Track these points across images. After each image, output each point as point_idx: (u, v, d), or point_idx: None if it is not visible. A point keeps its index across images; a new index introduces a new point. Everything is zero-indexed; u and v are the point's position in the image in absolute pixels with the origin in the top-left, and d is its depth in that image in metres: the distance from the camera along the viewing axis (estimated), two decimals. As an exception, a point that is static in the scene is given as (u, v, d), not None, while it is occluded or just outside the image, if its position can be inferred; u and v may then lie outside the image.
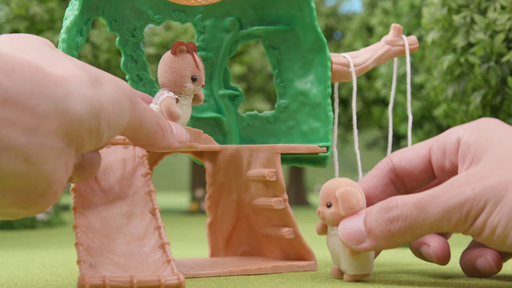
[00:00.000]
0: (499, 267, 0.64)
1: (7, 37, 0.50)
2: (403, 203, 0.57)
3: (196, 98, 0.64)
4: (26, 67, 0.40)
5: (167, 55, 0.62)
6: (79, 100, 0.43)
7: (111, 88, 0.47)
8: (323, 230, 0.63)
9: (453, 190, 0.55)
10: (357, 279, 0.62)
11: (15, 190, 0.41)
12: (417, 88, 3.45)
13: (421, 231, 0.56)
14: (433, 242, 0.64)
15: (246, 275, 0.69)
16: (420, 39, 2.91)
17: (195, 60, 0.61)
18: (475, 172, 0.55)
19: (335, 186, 0.61)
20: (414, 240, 0.58)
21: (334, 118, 0.80)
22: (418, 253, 0.66)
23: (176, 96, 0.61)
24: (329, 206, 0.61)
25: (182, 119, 0.62)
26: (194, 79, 0.61)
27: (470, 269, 0.65)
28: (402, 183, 0.65)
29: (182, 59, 0.61)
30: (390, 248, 0.59)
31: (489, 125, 0.60)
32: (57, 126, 0.41)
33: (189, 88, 0.61)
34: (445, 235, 0.68)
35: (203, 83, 0.62)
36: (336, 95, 0.82)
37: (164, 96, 0.61)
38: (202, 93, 0.64)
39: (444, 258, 0.64)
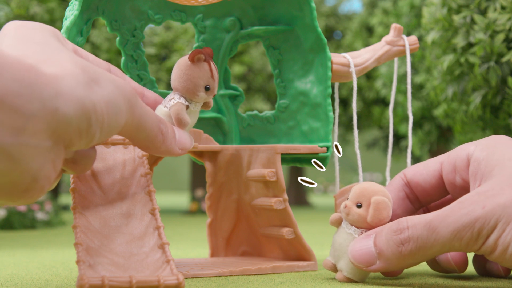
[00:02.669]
0: (507, 273, 0.66)
1: (16, 24, 0.50)
2: (414, 224, 0.56)
3: (205, 104, 0.64)
4: (17, 67, 0.40)
5: (184, 60, 0.61)
6: (69, 100, 0.43)
7: (109, 89, 0.46)
8: (338, 223, 0.63)
9: (463, 209, 0.54)
10: (348, 282, 0.62)
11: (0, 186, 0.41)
12: (417, 88, 3.45)
13: (432, 252, 0.56)
14: None
15: (246, 275, 0.68)
16: (420, 39, 2.91)
17: (211, 70, 0.61)
18: (485, 191, 0.55)
19: (374, 192, 0.60)
20: (425, 260, 0.58)
21: (334, 118, 0.80)
22: (435, 262, 0.66)
23: (186, 103, 0.61)
24: (358, 206, 0.60)
25: (188, 125, 0.61)
26: (207, 89, 0.61)
27: (481, 270, 0.67)
28: (416, 198, 0.65)
29: (198, 67, 0.61)
30: (400, 269, 0.59)
31: (500, 142, 0.60)
32: (44, 126, 0.41)
33: (201, 97, 0.61)
34: None
35: (215, 93, 0.62)
36: (336, 95, 0.82)
37: (175, 101, 0.61)
38: (212, 100, 0.64)
39: (462, 264, 0.64)
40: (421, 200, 0.65)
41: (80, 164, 0.52)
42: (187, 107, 0.61)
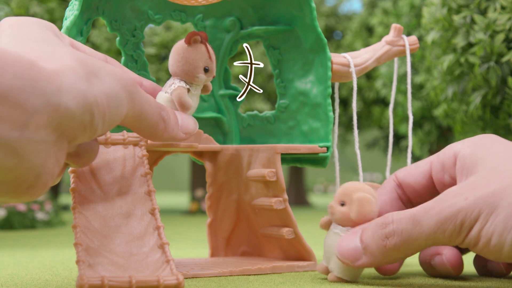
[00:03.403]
0: (509, 270, 0.65)
1: (12, 21, 0.50)
2: (399, 219, 0.56)
3: (205, 87, 0.64)
4: (19, 63, 0.41)
5: (181, 44, 0.61)
6: (71, 95, 0.43)
7: (109, 81, 0.46)
8: (327, 225, 0.63)
9: (446, 201, 0.55)
10: (340, 281, 0.62)
11: (4, 183, 0.42)
12: (417, 88, 3.44)
13: (417, 245, 0.56)
14: (445, 251, 0.64)
15: (246, 275, 0.68)
16: (420, 39, 2.91)
17: (208, 51, 0.61)
18: (468, 183, 0.55)
19: (356, 189, 0.61)
20: (411, 255, 0.58)
21: (334, 118, 0.80)
22: (431, 267, 0.66)
23: (187, 86, 0.61)
24: (342, 204, 0.61)
25: (191, 108, 0.62)
26: (206, 70, 0.61)
27: (482, 270, 0.68)
28: (408, 199, 0.66)
29: (196, 49, 0.61)
30: (386, 264, 0.59)
31: (487, 140, 0.60)
32: (48, 121, 0.42)
33: (201, 79, 0.61)
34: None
35: (214, 74, 0.62)
36: (336, 95, 0.82)
37: (176, 85, 0.61)
38: (210, 83, 0.64)
39: (458, 266, 0.64)
40: (413, 200, 0.66)
41: (83, 157, 0.52)
42: (188, 90, 0.61)
